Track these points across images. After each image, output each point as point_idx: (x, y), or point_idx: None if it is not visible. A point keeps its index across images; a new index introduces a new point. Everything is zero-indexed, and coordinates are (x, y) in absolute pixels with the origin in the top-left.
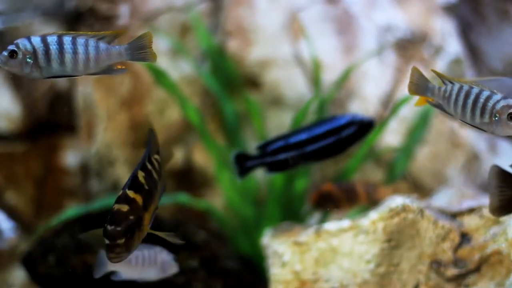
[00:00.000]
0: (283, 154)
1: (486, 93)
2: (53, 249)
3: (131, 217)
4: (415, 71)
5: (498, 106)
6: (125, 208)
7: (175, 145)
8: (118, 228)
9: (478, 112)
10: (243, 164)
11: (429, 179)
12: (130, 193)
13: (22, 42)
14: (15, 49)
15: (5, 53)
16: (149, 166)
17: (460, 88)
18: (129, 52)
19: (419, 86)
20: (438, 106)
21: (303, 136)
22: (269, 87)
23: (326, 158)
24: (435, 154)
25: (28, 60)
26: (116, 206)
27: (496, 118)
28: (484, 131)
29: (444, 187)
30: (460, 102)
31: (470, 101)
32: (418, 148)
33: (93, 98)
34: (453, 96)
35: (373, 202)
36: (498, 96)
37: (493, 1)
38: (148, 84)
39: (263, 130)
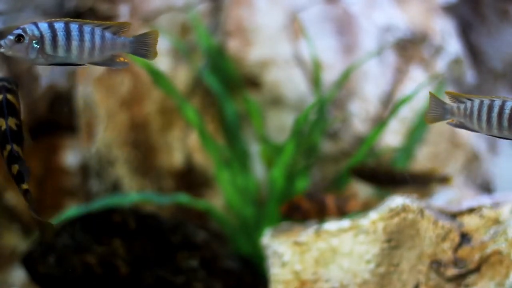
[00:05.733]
0: None
1: (510, 103)
2: (53, 249)
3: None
4: (433, 97)
5: None
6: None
7: (175, 145)
8: None
9: (505, 123)
10: None
11: None
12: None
13: (29, 27)
14: (22, 33)
15: (11, 37)
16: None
17: (481, 103)
18: (133, 45)
19: (438, 113)
20: (460, 126)
21: None
22: (269, 87)
23: None
24: (435, 154)
25: (34, 45)
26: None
27: None
28: None
29: (444, 187)
30: (484, 117)
31: (494, 114)
32: (418, 148)
33: (93, 98)
34: (475, 112)
35: (343, 215)
36: None
37: (493, 1)
38: (148, 84)
39: (263, 130)
